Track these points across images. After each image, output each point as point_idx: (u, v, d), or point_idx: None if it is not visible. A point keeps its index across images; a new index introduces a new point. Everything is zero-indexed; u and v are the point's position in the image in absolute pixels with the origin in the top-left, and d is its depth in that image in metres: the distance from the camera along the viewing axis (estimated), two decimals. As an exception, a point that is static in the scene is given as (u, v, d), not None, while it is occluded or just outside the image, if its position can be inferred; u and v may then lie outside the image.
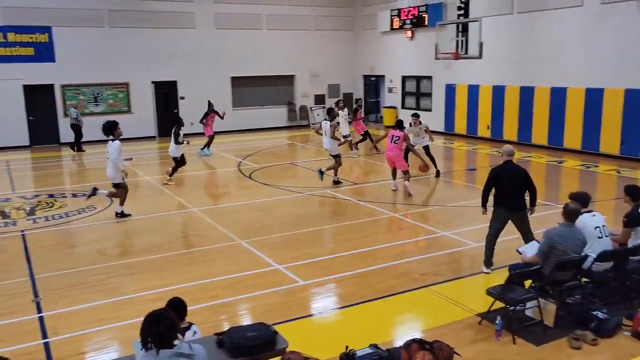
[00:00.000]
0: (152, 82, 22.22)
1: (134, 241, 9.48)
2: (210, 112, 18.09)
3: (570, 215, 6.01)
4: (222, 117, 18.31)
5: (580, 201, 6.43)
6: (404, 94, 24.23)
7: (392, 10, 23.49)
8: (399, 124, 12.40)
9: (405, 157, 12.77)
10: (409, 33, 22.84)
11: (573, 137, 16.78)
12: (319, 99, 25.93)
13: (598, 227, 6.33)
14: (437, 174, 13.88)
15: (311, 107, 25.77)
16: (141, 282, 7.47)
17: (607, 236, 6.39)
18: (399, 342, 5.46)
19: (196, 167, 16.24)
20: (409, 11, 22.45)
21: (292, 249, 8.77)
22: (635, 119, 15.12)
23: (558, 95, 17.09)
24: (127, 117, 21.61)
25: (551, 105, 17.34)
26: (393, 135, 12.10)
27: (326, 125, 13.07)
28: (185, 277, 7.59)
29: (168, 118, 22.55)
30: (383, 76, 25.41)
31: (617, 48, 15.44)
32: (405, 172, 12.17)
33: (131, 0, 21.32)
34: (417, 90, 23.54)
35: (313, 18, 24.98)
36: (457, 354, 5.14)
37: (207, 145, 18.05)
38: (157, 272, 7.85)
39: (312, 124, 25.41)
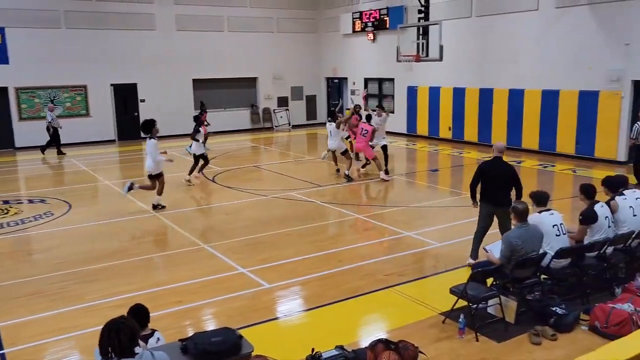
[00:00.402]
0: (112, 85, 21.78)
1: (95, 247, 9.26)
2: (204, 112, 18.82)
3: (522, 215, 6.16)
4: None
5: (540, 200, 6.61)
6: (367, 96, 24.35)
7: (353, 13, 23.65)
8: (368, 118, 14.02)
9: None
10: (371, 35, 23.04)
11: (531, 137, 17.21)
12: (282, 101, 25.89)
13: (556, 225, 6.49)
14: (386, 172, 14.16)
15: (274, 110, 25.70)
16: (103, 289, 7.31)
17: (564, 234, 6.57)
18: (364, 343, 5.49)
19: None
20: (371, 14, 22.66)
21: (256, 252, 8.73)
22: (589, 120, 15.62)
23: (516, 97, 17.51)
24: (85, 121, 21.20)
25: (509, 107, 17.76)
26: (362, 129, 13.81)
27: (331, 126, 14.02)
28: (148, 283, 7.47)
29: (128, 121, 22.25)
30: (346, 78, 25.55)
31: (571, 51, 15.92)
32: (370, 161, 14.01)
33: (89, 1, 20.88)
34: (379, 92, 23.75)
35: (275, 20, 24.93)
36: (422, 353, 5.21)
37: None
38: (119, 279, 7.69)
39: (276, 127, 25.37)
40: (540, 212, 6.52)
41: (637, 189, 7.56)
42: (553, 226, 6.45)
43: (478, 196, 7.78)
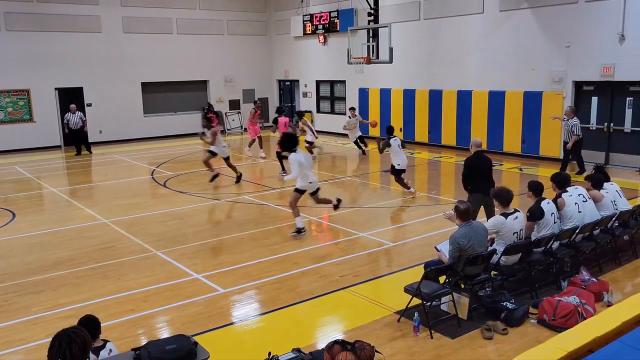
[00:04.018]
0: (56, 89, 21.09)
1: (41, 257, 8.93)
2: (211, 112, 20.72)
3: (464, 215, 6.32)
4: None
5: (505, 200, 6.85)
6: (319, 98, 24.50)
7: (304, 15, 23.70)
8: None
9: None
10: (322, 38, 23.15)
11: (479, 137, 17.50)
12: (234, 104, 25.68)
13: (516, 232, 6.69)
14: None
15: (226, 113, 25.45)
16: (51, 300, 7.06)
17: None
18: (321, 345, 5.50)
19: (107, 176, 15.62)
20: (321, 17, 22.76)
21: (210, 257, 8.62)
22: (534, 120, 16.15)
23: (464, 98, 17.93)
24: (28, 126, 20.47)
25: (458, 108, 18.16)
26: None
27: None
28: (99, 292, 7.26)
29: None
30: (297, 81, 25.57)
31: (516, 53, 16.43)
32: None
33: (30, 3, 20.16)
34: (331, 95, 23.88)
35: (225, 22, 24.71)
36: (378, 352, 5.26)
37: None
38: (68, 289, 7.45)
39: (228, 130, 25.13)
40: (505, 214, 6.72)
41: (579, 186, 7.88)
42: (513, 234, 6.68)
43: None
